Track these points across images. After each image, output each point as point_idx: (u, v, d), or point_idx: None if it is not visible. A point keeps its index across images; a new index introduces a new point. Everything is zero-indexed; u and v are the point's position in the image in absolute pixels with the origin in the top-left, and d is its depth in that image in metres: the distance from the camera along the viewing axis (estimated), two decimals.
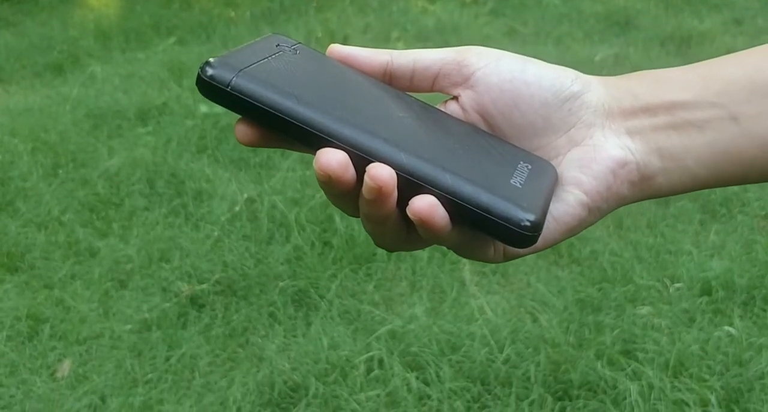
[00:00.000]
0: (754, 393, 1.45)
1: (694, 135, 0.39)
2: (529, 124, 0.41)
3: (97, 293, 1.86)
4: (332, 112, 0.37)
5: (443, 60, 0.42)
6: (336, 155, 0.35)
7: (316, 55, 0.42)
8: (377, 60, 0.42)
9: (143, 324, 1.75)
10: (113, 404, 1.53)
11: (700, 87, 0.40)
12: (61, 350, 1.68)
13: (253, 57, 0.39)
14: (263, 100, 0.36)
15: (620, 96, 0.41)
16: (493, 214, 0.35)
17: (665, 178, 0.40)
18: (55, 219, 2.17)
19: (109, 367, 1.63)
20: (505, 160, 0.39)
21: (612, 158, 0.39)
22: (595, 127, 0.40)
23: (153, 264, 1.95)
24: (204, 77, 0.37)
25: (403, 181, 0.35)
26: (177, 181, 2.31)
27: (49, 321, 1.76)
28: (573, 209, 0.39)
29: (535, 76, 0.40)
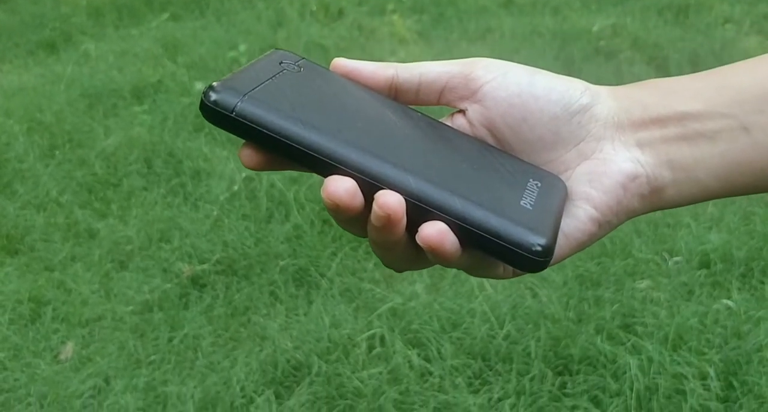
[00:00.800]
0: (752, 366, 1.47)
1: (705, 146, 0.39)
2: (538, 139, 0.40)
3: (97, 274, 1.86)
4: (339, 136, 0.36)
5: (449, 73, 0.41)
6: (344, 183, 0.34)
7: (320, 72, 0.42)
8: (382, 74, 0.42)
9: (145, 305, 1.76)
10: (117, 385, 1.54)
11: (710, 97, 0.39)
12: (64, 333, 1.70)
13: (257, 79, 0.38)
14: (268, 125, 0.36)
15: (630, 107, 0.40)
16: (503, 239, 0.35)
17: (675, 190, 0.40)
18: (53, 200, 2.17)
19: (112, 349, 1.64)
20: (515, 179, 0.38)
21: (622, 172, 0.39)
22: (605, 140, 0.40)
23: (153, 245, 1.95)
24: (207, 103, 0.36)
25: (412, 207, 0.35)
26: (175, 161, 2.31)
27: (50, 304, 1.77)
28: (583, 225, 0.39)
29: (544, 90, 0.40)
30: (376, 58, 3.03)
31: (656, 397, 1.42)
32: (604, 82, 0.43)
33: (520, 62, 0.42)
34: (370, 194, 0.35)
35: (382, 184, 0.35)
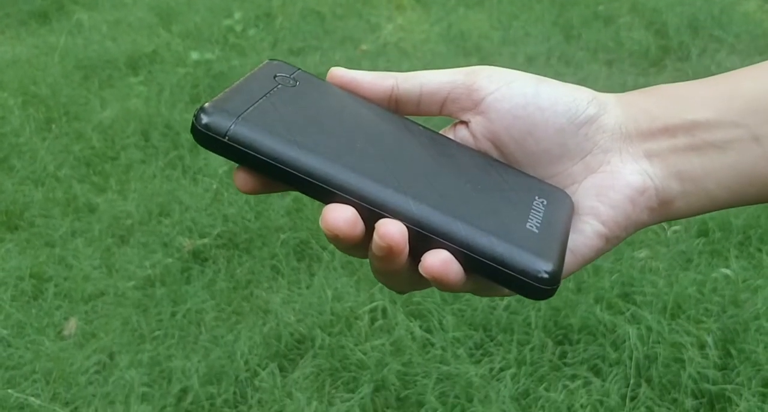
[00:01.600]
0: (749, 333, 1.48)
1: (715, 157, 0.38)
2: (543, 152, 0.39)
3: (98, 250, 1.87)
4: (337, 159, 0.35)
5: (452, 83, 0.40)
6: (344, 214, 0.33)
7: (316, 85, 0.40)
8: (382, 85, 0.40)
9: (147, 280, 1.76)
10: (122, 361, 1.55)
11: (721, 106, 0.38)
12: (67, 309, 1.71)
13: (250, 97, 0.36)
14: (263, 150, 0.34)
15: (638, 116, 0.39)
16: (509, 267, 0.34)
17: (684, 201, 0.39)
18: (51, 175, 2.16)
19: (116, 324, 1.65)
20: (520, 198, 0.37)
21: (630, 186, 0.38)
22: (612, 152, 0.39)
23: (153, 219, 1.95)
24: (198, 126, 0.34)
25: (414, 234, 0.34)
26: (172, 133, 2.30)
27: (52, 280, 1.78)
28: (590, 241, 0.38)
29: (549, 101, 0.38)
30: (372, 25, 3.00)
31: (655, 366, 1.44)
32: (603, 47, 0.41)
33: (518, 28, 0.40)
34: (371, 221, 0.34)
35: (383, 211, 0.34)
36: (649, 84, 2.64)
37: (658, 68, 2.65)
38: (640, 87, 0.43)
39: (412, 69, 2.51)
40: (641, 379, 1.43)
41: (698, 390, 1.40)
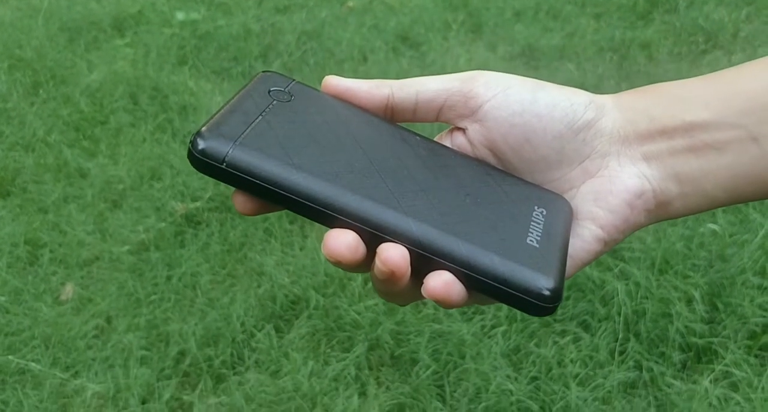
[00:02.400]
0: (735, 287, 1.50)
1: (713, 158, 0.38)
2: (541, 159, 0.39)
3: (91, 215, 1.86)
4: (337, 183, 0.34)
5: (448, 91, 0.39)
6: (345, 239, 0.33)
7: (311, 97, 0.39)
8: (377, 94, 0.40)
9: (141, 245, 1.76)
10: (120, 325, 1.56)
11: (719, 106, 0.38)
12: (63, 275, 1.71)
13: (246, 118, 0.36)
14: (262, 176, 0.34)
15: (636, 118, 0.39)
16: (511, 287, 0.34)
17: (682, 202, 0.39)
18: (41, 140, 2.14)
19: (112, 289, 1.65)
20: (519, 211, 0.37)
21: (628, 190, 0.38)
22: (610, 156, 0.39)
23: (144, 183, 1.95)
24: (195, 153, 0.34)
25: (416, 256, 0.34)
26: (161, 96, 2.27)
27: (47, 246, 1.78)
28: (589, 245, 0.38)
29: (547, 107, 0.38)
30: None
31: (643, 321, 1.46)
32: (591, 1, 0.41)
33: None
34: (373, 243, 0.34)
35: (385, 234, 0.34)
36: (637, 37, 2.60)
37: (646, 21, 2.62)
38: (628, 40, 0.43)
39: (399, 25, 2.47)
40: (630, 334, 1.45)
41: (685, 344, 1.43)
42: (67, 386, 1.45)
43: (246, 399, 1.43)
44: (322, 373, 1.46)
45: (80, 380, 1.46)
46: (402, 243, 0.34)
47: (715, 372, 1.37)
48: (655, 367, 1.39)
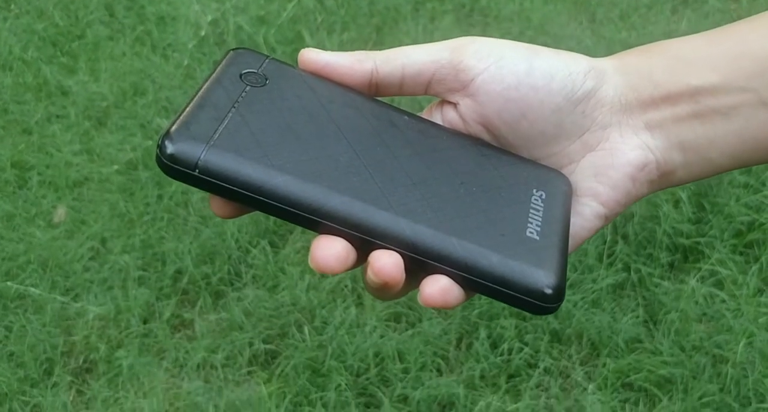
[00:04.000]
0: (722, 187, 1.49)
1: (720, 124, 0.35)
2: (538, 134, 0.36)
3: (77, 135, 1.81)
4: (321, 183, 0.31)
5: (436, 63, 0.35)
6: (333, 250, 0.30)
7: (288, 77, 0.35)
8: (360, 70, 0.36)
9: (129, 164, 1.72)
10: (115, 247, 1.55)
11: (727, 68, 0.34)
12: (53, 197, 1.67)
13: (217, 111, 0.31)
14: (239, 181, 0.30)
15: (639, 84, 0.35)
16: (511, 288, 0.31)
17: (686, 171, 0.36)
18: (18, 58, 2.05)
19: (104, 210, 1.63)
20: (518, 197, 0.34)
21: (631, 164, 0.35)
22: (612, 127, 0.35)
23: (127, 100, 1.88)
24: (164, 159, 0.30)
25: (410, 260, 0.31)
26: (137, 7, 2.17)
27: (35, 168, 1.73)
28: (589, 223, 0.36)
29: (544, 78, 0.35)
30: None
31: (631, 224, 1.45)
32: None
33: None
34: (363, 247, 0.31)
35: (376, 239, 0.31)
36: None
37: None
38: None
39: None
40: (618, 237, 1.45)
41: (673, 245, 1.43)
42: (68, 309, 1.45)
43: (245, 314, 1.43)
44: (319, 286, 1.46)
45: (81, 303, 1.46)
46: (395, 248, 0.31)
47: (702, 271, 1.38)
48: (643, 268, 1.40)
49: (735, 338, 1.26)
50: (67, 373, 1.37)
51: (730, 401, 1.19)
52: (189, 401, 1.33)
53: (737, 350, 1.24)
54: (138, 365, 1.37)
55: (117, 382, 1.36)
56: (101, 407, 1.32)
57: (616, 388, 1.25)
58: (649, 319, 1.34)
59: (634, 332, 1.31)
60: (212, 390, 1.35)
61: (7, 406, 1.32)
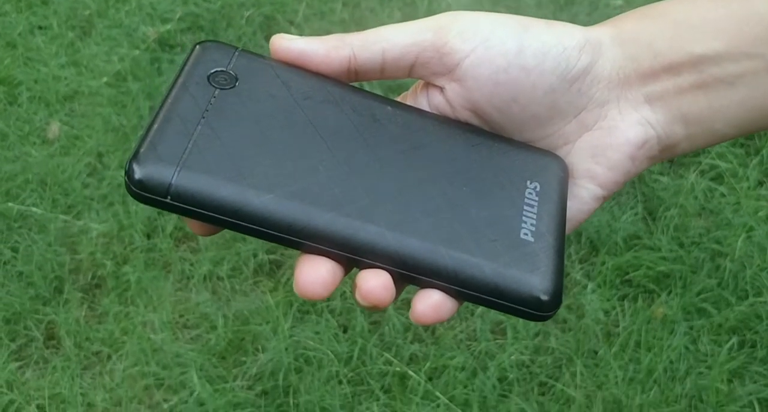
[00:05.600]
0: None
1: (724, 93, 0.32)
2: (531, 117, 0.32)
3: (62, 46, 1.73)
4: (302, 199, 0.28)
5: (418, 45, 0.32)
6: (318, 275, 0.28)
7: (259, 74, 0.31)
8: (336, 58, 0.32)
9: (118, 76, 1.66)
10: (112, 162, 1.51)
11: (732, 34, 0.31)
12: (45, 113, 1.62)
13: (186, 126, 0.28)
14: (215, 207, 0.27)
15: (638, 54, 0.32)
16: (506, 298, 0.29)
17: (688, 143, 0.33)
18: None
19: (97, 125, 1.58)
20: (510, 193, 0.31)
21: (630, 143, 0.32)
22: (609, 103, 0.32)
23: (110, 7, 1.79)
24: (133, 186, 0.27)
25: (399, 275, 0.28)
26: None
27: (23, 84, 1.67)
28: (587, 206, 0.33)
29: (535, 57, 0.31)
30: None
31: None
32: None
33: None
34: (350, 264, 0.28)
35: (362, 257, 0.28)
36: None
37: None
38: None
39: None
40: None
41: None
42: (71, 227, 1.43)
43: None
44: None
45: (83, 220, 1.44)
46: (383, 265, 0.28)
47: (702, 165, 1.34)
48: None
49: (734, 233, 1.24)
50: (77, 290, 1.37)
51: (728, 295, 1.19)
52: (198, 312, 1.33)
53: (736, 244, 1.22)
54: (145, 279, 1.37)
55: (126, 297, 1.36)
56: (113, 322, 1.32)
57: (615, 285, 1.25)
58: (648, 215, 1.32)
59: (632, 229, 1.29)
60: (220, 300, 1.35)
61: (22, 324, 1.32)
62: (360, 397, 1.20)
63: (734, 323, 1.17)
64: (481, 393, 1.16)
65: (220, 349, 1.26)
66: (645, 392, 1.12)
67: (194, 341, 1.29)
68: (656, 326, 1.19)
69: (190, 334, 1.30)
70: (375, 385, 1.20)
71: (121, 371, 1.24)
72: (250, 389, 1.22)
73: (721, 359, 1.13)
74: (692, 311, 1.20)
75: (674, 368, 1.15)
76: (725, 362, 1.13)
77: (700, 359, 1.15)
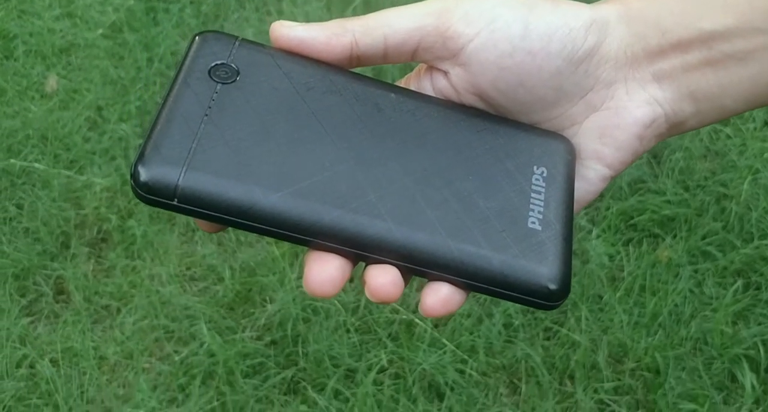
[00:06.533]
0: None
1: (734, 70, 0.30)
2: (537, 100, 0.32)
3: None
4: (307, 197, 0.27)
5: (421, 30, 0.31)
6: (327, 274, 0.28)
7: (260, 65, 0.30)
8: (338, 45, 0.31)
9: (114, 27, 1.61)
10: (111, 115, 1.48)
11: (743, 8, 0.30)
12: (42, 67, 1.59)
13: (189, 124, 0.27)
14: (222, 208, 0.27)
15: (645, 33, 0.31)
16: (514, 289, 0.29)
17: (696, 120, 0.32)
18: None
19: (95, 77, 1.54)
20: (517, 180, 0.30)
21: (638, 122, 0.31)
22: (617, 83, 0.31)
23: None
24: (140, 190, 0.26)
25: (407, 269, 0.28)
26: None
27: (18, 37, 1.63)
28: (594, 187, 0.33)
29: (541, 40, 0.30)
30: None
31: None
32: None
33: None
34: (359, 259, 0.28)
35: (370, 253, 0.28)
36: None
37: None
38: None
39: None
40: None
41: None
42: (74, 182, 1.42)
43: None
44: None
45: (86, 175, 1.42)
46: (391, 261, 0.28)
47: None
48: None
49: (740, 175, 1.22)
50: (84, 245, 1.36)
51: (733, 238, 1.17)
52: (205, 264, 1.33)
53: (742, 187, 1.20)
54: (151, 233, 1.35)
55: (132, 250, 1.35)
56: (121, 275, 1.32)
57: (619, 230, 1.24)
58: (652, 159, 1.29)
59: (637, 173, 1.27)
60: (226, 252, 1.34)
61: (31, 280, 1.32)
62: (368, 345, 1.20)
63: (739, 266, 1.16)
64: (487, 339, 1.16)
65: (227, 300, 1.26)
66: (650, 336, 1.12)
67: (202, 294, 1.28)
68: (661, 270, 1.18)
69: (198, 286, 1.30)
70: (382, 333, 1.20)
71: (131, 324, 1.24)
72: (259, 340, 1.22)
73: (726, 302, 1.13)
74: (697, 255, 1.18)
75: (679, 311, 1.14)
76: (730, 304, 1.13)
77: (705, 302, 1.15)
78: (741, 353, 1.08)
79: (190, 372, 1.18)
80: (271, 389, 1.17)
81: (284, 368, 1.18)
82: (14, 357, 1.21)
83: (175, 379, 1.18)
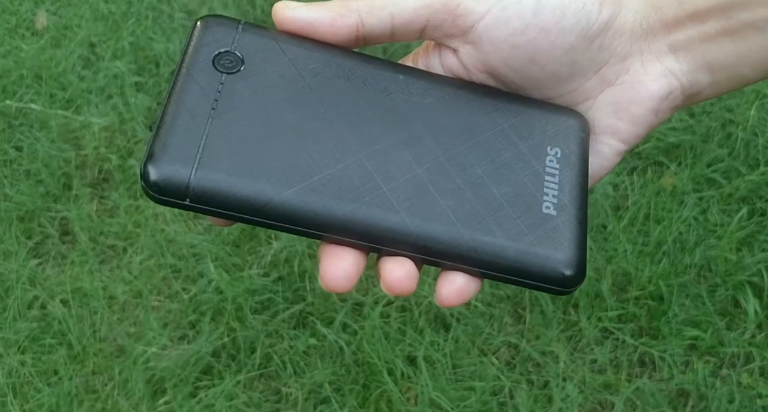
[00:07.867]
0: None
1: (753, 39, 0.29)
2: (550, 76, 0.30)
3: None
4: (319, 192, 0.27)
5: (429, 8, 0.29)
6: (342, 269, 0.27)
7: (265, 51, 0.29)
8: (343, 26, 0.29)
9: None
10: (105, 53, 1.43)
11: None
12: (31, 4, 1.52)
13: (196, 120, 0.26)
14: (234, 207, 0.26)
15: (662, 3, 0.30)
16: (530, 277, 0.28)
17: (713, 90, 0.31)
18: None
19: (86, 13, 1.48)
20: (531, 163, 0.29)
21: (653, 97, 0.30)
22: (632, 57, 0.30)
23: None
24: (150, 190, 0.25)
25: (422, 260, 0.27)
26: None
27: None
28: (608, 162, 0.32)
29: (554, 16, 0.29)
30: None
31: None
32: None
33: None
34: (373, 251, 0.27)
35: (384, 246, 0.27)
36: None
37: None
38: None
39: None
40: None
41: None
42: (72, 123, 1.38)
43: None
44: None
45: (83, 115, 1.38)
46: (405, 253, 0.27)
47: None
48: None
49: (746, 100, 1.18)
50: (86, 185, 1.34)
51: (738, 165, 1.15)
52: None
53: (748, 112, 1.17)
54: None
55: (135, 189, 1.33)
56: (125, 215, 1.30)
57: (624, 158, 1.21)
58: None
59: None
60: None
61: (36, 221, 1.30)
62: (374, 279, 1.19)
63: (744, 193, 1.14)
64: None
65: (233, 238, 1.25)
66: (654, 264, 1.11)
67: (207, 232, 1.27)
68: (666, 199, 1.16)
69: (202, 225, 1.28)
70: None
71: (138, 263, 1.24)
72: (266, 276, 1.22)
73: (731, 229, 1.11)
74: (702, 182, 1.16)
75: (683, 239, 1.13)
76: (735, 231, 1.11)
77: (710, 229, 1.13)
78: (745, 279, 1.08)
79: (199, 309, 1.18)
80: (281, 323, 1.17)
81: (292, 303, 1.18)
82: (25, 299, 1.21)
83: (185, 316, 1.18)
